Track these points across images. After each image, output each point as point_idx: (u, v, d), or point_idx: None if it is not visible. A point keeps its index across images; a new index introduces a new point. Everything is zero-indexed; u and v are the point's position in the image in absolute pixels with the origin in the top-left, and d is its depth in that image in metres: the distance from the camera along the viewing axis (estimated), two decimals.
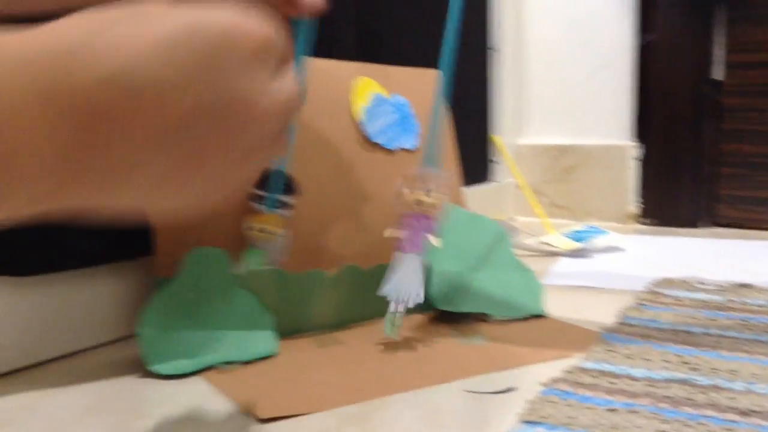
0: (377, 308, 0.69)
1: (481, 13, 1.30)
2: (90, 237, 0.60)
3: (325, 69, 0.72)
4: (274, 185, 0.63)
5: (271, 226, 0.63)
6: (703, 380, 0.51)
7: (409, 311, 0.71)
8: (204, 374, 0.55)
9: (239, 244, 0.63)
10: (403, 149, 0.77)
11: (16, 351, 0.56)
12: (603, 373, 0.52)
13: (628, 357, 0.56)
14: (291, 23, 0.57)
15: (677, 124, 1.32)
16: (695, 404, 0.47)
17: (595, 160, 1.40)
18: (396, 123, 0.76)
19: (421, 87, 0.82)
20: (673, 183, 1.33)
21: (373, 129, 0.74)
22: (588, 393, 0.48)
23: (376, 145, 0.74)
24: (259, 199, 0.63)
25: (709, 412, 0.45)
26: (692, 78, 1.30)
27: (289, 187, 0.64)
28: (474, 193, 1.26)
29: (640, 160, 1.36)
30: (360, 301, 0.68)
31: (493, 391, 0.51)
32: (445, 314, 0.69)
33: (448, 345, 0.62)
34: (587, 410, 0.46)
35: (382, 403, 0.49)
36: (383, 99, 0.76)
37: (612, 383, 0.50)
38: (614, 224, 1.37)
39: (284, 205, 0.64)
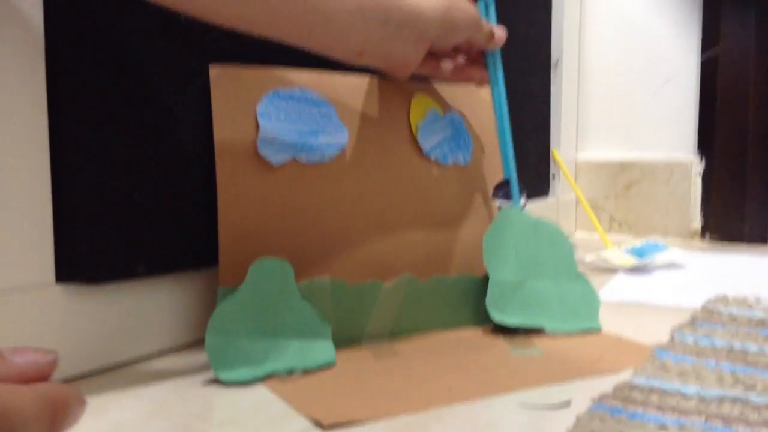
0: (433, 320, 0.71)
1: (543, 27, 1.30)
2: (156, 247, 0.63)
3: (388, 87, 0.74)
4: (509, 193, 0.77)
5: None
6: (757, 399, 0.51)
7: (465, 323, 0.72)
8: (266, 382, 0.57)
9: (300, 255, 0.65)
10: (455, 164, 0.78)
11: (83, 356, 0.59)
12: (654, 390, 0.53)
13: (680, 374, 0.56)
14: None
15: (744, 137, 1.30)
16: (748, 423, 0.47)
17: (656, 175, 1.38)
18: (450, 138, 0.78)
19: (476, 103, 0.83)
20: (738, 198, 1.31)
21: (428, 144, 0.76)
22: (638, 409, 0.49)
23: (431, 160, 0.76)
24: (500, 201, 0.78)
25: (763, 431, 0.45)
26: (761, 88, 1.28)
27: (520, 193, 0.78)
28: (533, 209, 1.27)
29: (704, 174, 1.34)
30: (416, 312, 0.69)
31: (549, 406, 0.51)
32: (501, 326, 0.70)
33: (504, 356, 0.63)
34: (637, 427, 0.46)
35: (439, 414, 0.50)
36: (438, 115, 0.78)
37: (663, 400, 0.51)
38: (676, 240, 1.35)
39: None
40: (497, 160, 0.83)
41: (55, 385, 0.26)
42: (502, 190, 0.78)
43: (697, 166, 1.35)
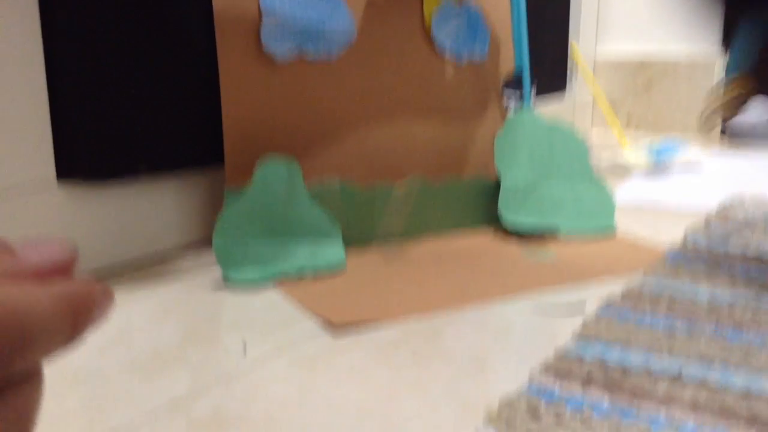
0: (445, 222, 0.70)
1: None
2: (158, 145, 0.62)
3: None
4: (519, 87, 0.76)
5: None
6: None
7: (478, 226, 0.71)
8: (275, 284, 0.56)
9: (308, 155, 0.64)
10: (470, 58, 0.75)
11: (91, 254, 0.59)
12: (663, 293, 0.52)
13: (692, 278, 0.55)
14: None
15: None
16: (759, 326, 0.46)
17: (678, 71, 1.34)
18: (466, 30, 0.74)
19: None
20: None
21: (442, 36, 0.72)
22: (646, 314, 0.48)
23: (445, 53, 0.73)
24: (510, 97, 0.77)
25: None
26: None
27: (530, 83, 0.77)
28: (549, 106, 1.24)
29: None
30: (428, 215, 0.68)
31: (563, 310, 0.51)
32: (514, 229, 0.69)
33: (517, 260, 0.62)
34: (645, 329, 0.45)
35: (451, 318, 0.50)
36: (453, 5, 0.74)
37: (672, 304, 0.50)
38: (695, 140, 1.32)
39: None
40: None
41: (76, 281, 0.23)
42: (512, 84, 0.75)
43: (720, 64, 1.30)
